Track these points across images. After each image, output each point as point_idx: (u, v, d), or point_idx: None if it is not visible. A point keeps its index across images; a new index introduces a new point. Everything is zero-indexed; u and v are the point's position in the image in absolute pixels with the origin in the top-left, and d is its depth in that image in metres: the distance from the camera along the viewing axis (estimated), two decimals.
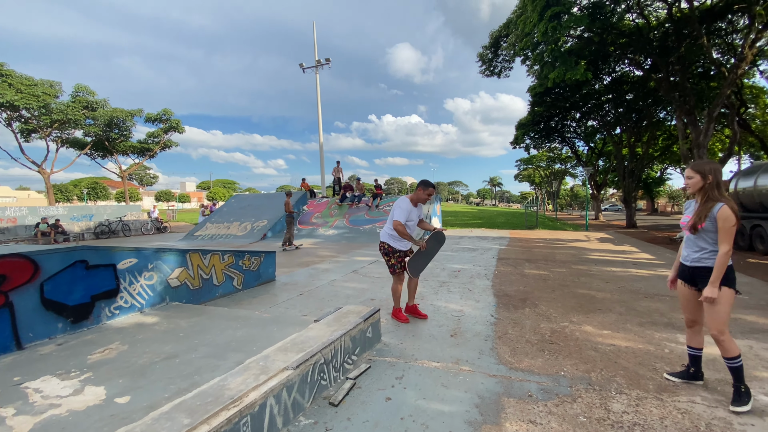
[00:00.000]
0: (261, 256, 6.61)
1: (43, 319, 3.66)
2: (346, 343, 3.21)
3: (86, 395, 2.60)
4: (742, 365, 2.49)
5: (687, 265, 2.68)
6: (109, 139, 29.50)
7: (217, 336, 3.70)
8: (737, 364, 2.48)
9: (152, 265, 4.73)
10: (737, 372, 2.50)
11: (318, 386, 2.79)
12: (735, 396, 2.52)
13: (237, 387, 2.28)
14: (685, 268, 2.72)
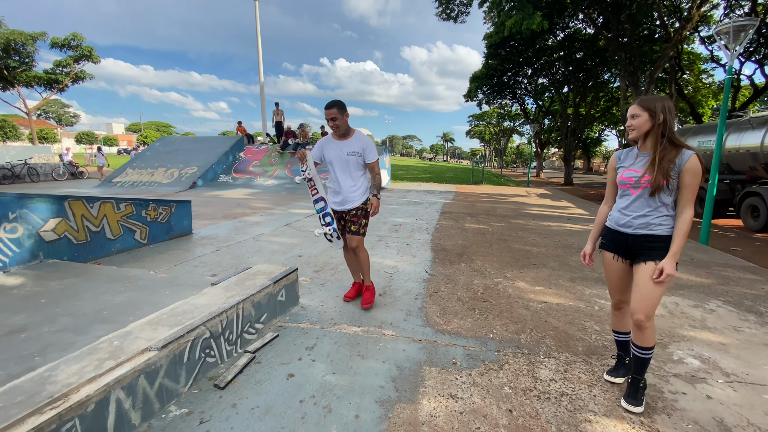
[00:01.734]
0: (171, 206, 5.71)
1: None
2: (246, 311, 2.68)
3: None
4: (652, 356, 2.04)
5: (625, 232, 2.03)
6: (7, 68, 24.47)
7: (89, 302, 2.98)
8: (649, 354, 2.01)
9: (14, 214, 3.75)
10: (644, 364, 2.04)
11: (201, 365, 2.27)
12: (632, 390, 2.07)
13: (66, 379, 1.67)
14: (620, 236, 2.06)
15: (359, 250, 3.27)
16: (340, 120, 3.04)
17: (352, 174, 3.17)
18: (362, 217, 3.23)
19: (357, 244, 3.23)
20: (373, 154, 3.17)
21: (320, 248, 5.35)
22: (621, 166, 2.10)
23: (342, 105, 3.06)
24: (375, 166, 3.22)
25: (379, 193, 3.26)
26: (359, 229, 3.21)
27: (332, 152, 3.17)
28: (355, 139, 3.16)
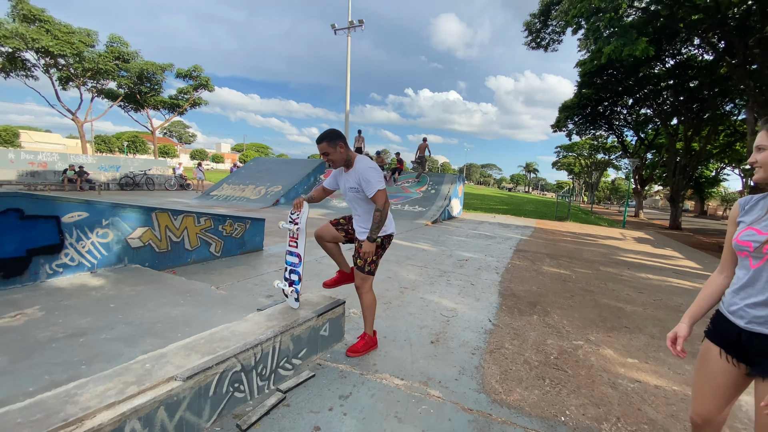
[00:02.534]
0: (246, 223, 6.02)
1: None
2: (285, 344, 2.52)
3: None
4: None
5: (735, 323, 1.38)
6: (140, 92, 29.80)
7: (149, 312, 3.12)
8: None
9: (107, 221, 4.21)
10: None
11: (228, 400, 2.14)
12: None
13: (87, 401, 1.64)
14: (729, 326, 1.41)
15: (362, 292, 2.86)
16: (333, 153, 2.65)
17: (361, 208, 2.83)
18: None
19: (360, 283, 2.85)
20: (370, 188, 2.65)
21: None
22: (742, 221, 1.43)
23: (332, 136, 2.65)
24: (377, 199, 2.67)
25: (374, 235, 2.69)
26: (364, 265, 2.80)
27: (342, 183, 2.89)
28: (354, 173, 2.73)
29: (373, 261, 2.83)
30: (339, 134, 2.68)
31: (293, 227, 2.83)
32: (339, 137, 2.66)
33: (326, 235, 3.00)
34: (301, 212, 2.81)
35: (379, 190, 2.65)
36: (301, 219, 2.82)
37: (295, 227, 2.82)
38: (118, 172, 21.83)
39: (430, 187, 15.18)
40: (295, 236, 2.86)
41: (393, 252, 6.98)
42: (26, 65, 24.39)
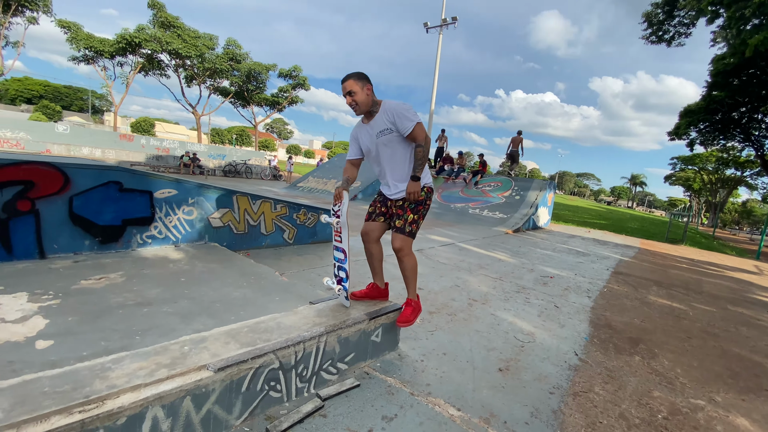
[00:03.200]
0: (320, 214, 6.04)
1: (70, 234, 3.61)
2: (330, 346, 2.29)
3: (24, 326, 2.25)
4: None
5: None
6: (247, 90, 33.12)
7: (212, 291, 3.16)
8: None
9: (193, 200, 4.47)
10: None
11: (263, 399, 1.96)
12: None
13: (117, 378, 1.57)
14: None
15: (403, 254, 2.57)
16: (360, 94, 2.38)
17: (394, 156, 2.50)
18: (409, 211, 2.53)
19: (400, 245, 2.54)
20: (406, 122, 2.39)
21: (445, 284, 4.71)
22: None
23: (361, 75, 2.39)
24: (416, 134, 2.42)
25: (419, 173, 2.44)
26: (404, 225, 2.52)
27: (366, 139, 2.57)
28: (381, 115, 2.45)
29: (414, 221, 2.55)
30: (367, 76, 2.43)
31: (334, 220, 2.58)
32: (368, 79, 2.42)
33: (372, 232, 2.69)
34: (342, 203, 2.54)
35: (417, 123, 2.41)
36: (342, 211, 2.55)
37: (336, 221, 2.58)
38: (223, 161, 24.50)
39: (515, 192, 14.04)
40: (338, 230, 2.62)
41: (464, 258, 6.45)
42: (161, 65, 28.80)
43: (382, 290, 2.85)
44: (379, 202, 2.70)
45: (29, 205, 3.34)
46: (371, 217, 2.70)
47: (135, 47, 26.48)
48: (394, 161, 2.53)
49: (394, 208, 2.59)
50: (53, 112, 49.79)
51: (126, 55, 27.44)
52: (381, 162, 2.57)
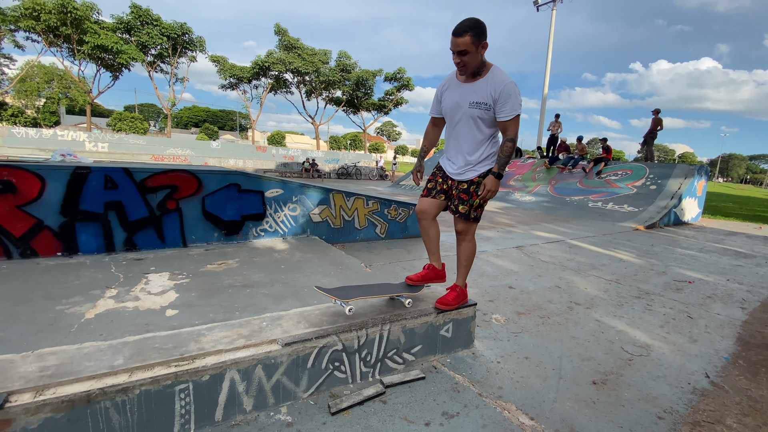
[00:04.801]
0: (410, 209, 6.13)
1: (203, 228, 4.43)
2: (394, 335, 2.31)
3: (161, 298, 2.86)
4: None
5: None
6: (356, 97, 35.42)
7: (304, 277, 3.50)
8: None
9: (296, 198, 5.01)
10: None
11: (328, 377, 2.10)
12: None
13: (206, 344, 1.88)
14: None
15: (466, 238, 2.46)
16: (473, 54, 2.07)
17: (476, 135, 2.25)
18: (476, 196, 2.31)
19: (464, 228, 2.44)
20: (509, 108, 2.13)
21: (544, 284, 4.27)
22: None
23: (481, 29, 2.04)
24: (509, 127, 2.18)
25: (503, 171, 2.24)
26: (469, 212, 2.37)
27: (451, 98, 2.28)
28: (485, 83, 2.16)
29: (480, 206, 2.37)
30: (485, 29, 2.08)
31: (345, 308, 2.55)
32: (486, 33, 2.08)
33: (430, 209, 2.52)
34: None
35: (517, 115, 2.18)
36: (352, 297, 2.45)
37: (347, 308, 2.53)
38: (337, 164, 26.73)
39: (650, 181, 11.83)
40: None
41: (573, 257, 5.74)
42: (286, 83, 32.97)
43: (439, 271, 2.72)
44: (440, 177, 2.49)
45: (175, 205, 4.21)
46: (430, 193, 2.51)
47: (266, 70, 30.95)
48: (473, 140, 2.30)
49: (457, 191, 2.42)
50: (212, 132, 61.55)
51: (259, 78, 32.29)
52: (459, 135, 2.33)
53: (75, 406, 1.49)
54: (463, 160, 2.37)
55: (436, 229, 2.60)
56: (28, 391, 1.47)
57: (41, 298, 2.72)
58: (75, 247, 3.73)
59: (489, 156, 2.34)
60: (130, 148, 21.68)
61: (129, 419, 1.60)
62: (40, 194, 3.52)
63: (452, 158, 2.44)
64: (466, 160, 2.36)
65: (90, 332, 2.28)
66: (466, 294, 2.63)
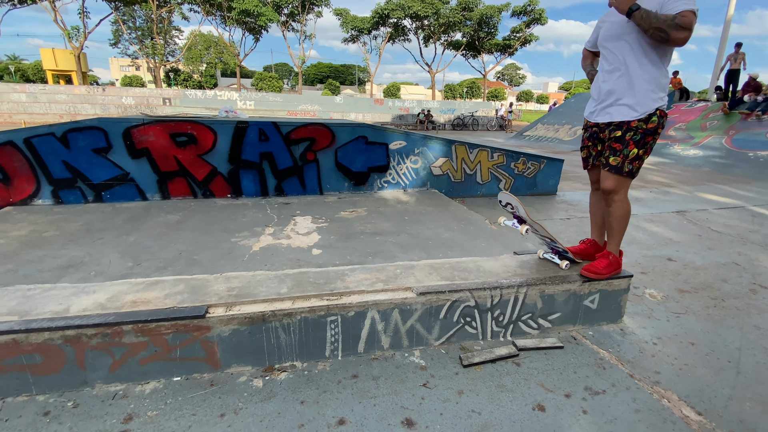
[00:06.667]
0: (541, 163, 5.54)
1: (336, 178, 4.78)
2: (531, 299, 2.17)
3: (307, 238, 3.23)
4: None
5: None
6: (478, 39, 32.54)
7: (427, 230, 3.54)
8: None
9: (418, 150, 4.98)
10: None
11: (459, 330, 2.12)
12: None
13: (349, 284, 2.05)
14: None
15: (616, 198, 2.04)
16: None
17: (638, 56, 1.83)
18: (632, 144, 1.88)
19: (614, 185, 2.01)
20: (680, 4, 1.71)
21: (716, 258, 3.48)
22: None
23: None
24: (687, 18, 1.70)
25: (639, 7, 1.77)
26: (622, 163, 1.96)
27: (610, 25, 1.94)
28: None
29: (637, 157, 1.96)
30: None
31: (522, 228, 2.25)
32: None
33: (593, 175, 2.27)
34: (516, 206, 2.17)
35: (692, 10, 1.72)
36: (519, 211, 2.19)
37: (524, 228, 2.24)
38: (452, 115, 25.71)
39: None
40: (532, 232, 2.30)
41: (759, 228, 4.50)
42: (404, 31, 32.12)
43: (601, 248, 2.40)
44: (589, 140, 2.21)
45: (313, 156, 4.60)
46: (588, 163, 2.28)
47: (385, 18, 30.57)
48: (631, 63, 1.91)
49: (609, 140, 2.04)
50: (335, 87, 64.97)
51: (378, 27, 32.15)
52: (614, 59, 1.96)
53: (254, 322, 1.81)
54: (619, 101, 1.98)
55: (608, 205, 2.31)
56: (220, 306, 1.82)
57: (220, 231, 3.35)
58: (239, 190, 4.44)
59: (651, 89, 1.91)
60: (270, 105, 24.51)
61: (292, 339, 1.89)
62: (214, 145, 4.22)
63: (600, 102, 2.08)
64: (621, 100, 1.97)
65: (257, 262, 2.72)
66: (620, 263, 2.29)
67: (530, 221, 2.16)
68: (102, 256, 2.78)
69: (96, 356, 1.70)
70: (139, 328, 1.70)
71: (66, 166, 3.97)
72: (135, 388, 1.75)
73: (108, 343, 1.69)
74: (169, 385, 1.77)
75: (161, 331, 1.73)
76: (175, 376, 1.81)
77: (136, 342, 1.72)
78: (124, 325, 1.68)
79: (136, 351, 1.73)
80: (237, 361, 1.86)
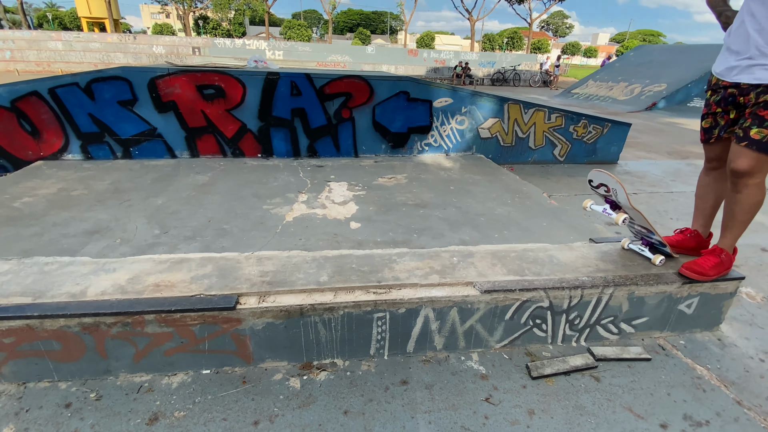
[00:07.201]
0: (605, 127, 4.86)
1: (372, 139, 4.37)
2: (616, 301, 1.80)
3: (344, 208, 2.93)
4: None
5: None
6: None
7: (477, 203, 3.15)
8: None
9: (465, 108, 4.44)
10: None
11: (526, 333, 1.80)
12: None
13: (400, 272, 1.74)
14: None
15: (749, 182, 1.58)
16: None
17: None
18: None
19: (750, 166, 1.54)
20: None
21: None
22: None
23: None
24: None
25: None
26: (763, 136, 1.48)
27: None
28: None
29: None
30: None
31: (618, 216, 1.77)
32: None
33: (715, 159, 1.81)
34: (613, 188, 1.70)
35: None
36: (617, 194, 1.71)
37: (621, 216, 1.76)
38: (492, 68, 23.86)
39: None
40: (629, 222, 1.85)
41: None
42: None
43: (704, 241, 1.95)
44: (718, 105, 1.69)
45: (348, 113, 4.17)
46: (712, 135, 1.77)
47: None
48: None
49: (753, 107, 1.53)
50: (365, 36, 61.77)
51: None
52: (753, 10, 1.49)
53: (291, 316, 1.56)
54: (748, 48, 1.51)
55: (721, 185, 1.81)
56: (253, 295, 1.57)
57: (251, 196, 3.09)
58: (270, 150, 4.14)
59: None
60: (299, 56, 23.55)
61: (333, 335, 1.63)
62: (243, 99, 3.88)
63: (741, 58, 1.56)
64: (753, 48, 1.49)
65: (291, 235, 2.46)
66: (731, 262, 1.85)
67: (630, 207, 1.72)
68: (128, 221, 2.60)
69: (117, 345, 1.52)
70: (163, 318, 1.48)
71: (92, 120, 3.76)
72: (161, 381, 1.57)
73: (129, 332, 1.49)
74: (198, 379, 1.58)
75: (187, 322, 1.51)
76: (204, 368, 1.62)
77: (160, 332, 1.51)
78: (147, 315, 1.47)
79: (160, 341, 1.53)
80: (271, 355, 1.64)
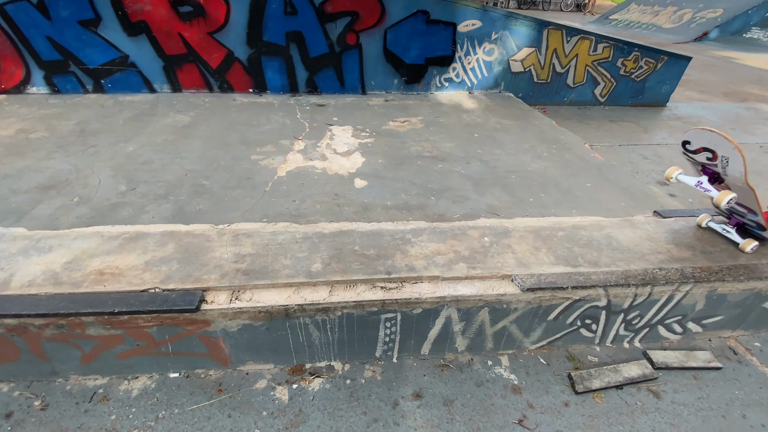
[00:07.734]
0: (660, 60, 4.08)
1: (383, 72, 3.71)
2: (691, 299, 1.41)
3: (348, 160, 2.46)
4: None
5: None
6: None
7: (507, 155, 2.65)
8: None
9: (496, 35, 3.70)
10: None
11: (570, 333, 1.44)
12: None
13: (415, 258, 1.35)
14: None
15: None
16: None
17: None
18: None
19: None
20: None
21: None
22: None
23: None
24: None
25: None
26: None
27: None
28: None
29: None
30: None
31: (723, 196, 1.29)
32: None
33: None
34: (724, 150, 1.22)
35: None
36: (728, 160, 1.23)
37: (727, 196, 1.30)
38: None
39: None
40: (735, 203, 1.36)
41: None
42: None
43: None
44: None
45: (355, 39, 3.49)
46: None
47: None
48: None
49: None
50: None
51: None
52: None
53: (273, 317, 1.20)
54: None
55: None
56: (223, 291, 1.21)
57: (238, 143, 2.62)
58: (263, 84, 3.55)
59: None
60: None
61: (329, 337, 1.30)
62: (227, 19, 3.21)
63: None
64: None
65: (282, 195, 2.04)
66: None
67: (743, 184, 1.24)
68: (91, 173, 2.20)
69: (56, 348, 1.20)
70: (107, 320, 1.14)
71: (53, 44, 3.18)
72: (119, 386, 1.28)
73: (67, 335, 1.17)
74: (164, 385, 1.29)
75: (139, 324, 1.16)
76: (172, 371, 1.32)
77: (107, 335, 1.18)
78: (84, 317, 1.12)
79: (110, 344, 1.21)
80: (253, 357, 1.32)
